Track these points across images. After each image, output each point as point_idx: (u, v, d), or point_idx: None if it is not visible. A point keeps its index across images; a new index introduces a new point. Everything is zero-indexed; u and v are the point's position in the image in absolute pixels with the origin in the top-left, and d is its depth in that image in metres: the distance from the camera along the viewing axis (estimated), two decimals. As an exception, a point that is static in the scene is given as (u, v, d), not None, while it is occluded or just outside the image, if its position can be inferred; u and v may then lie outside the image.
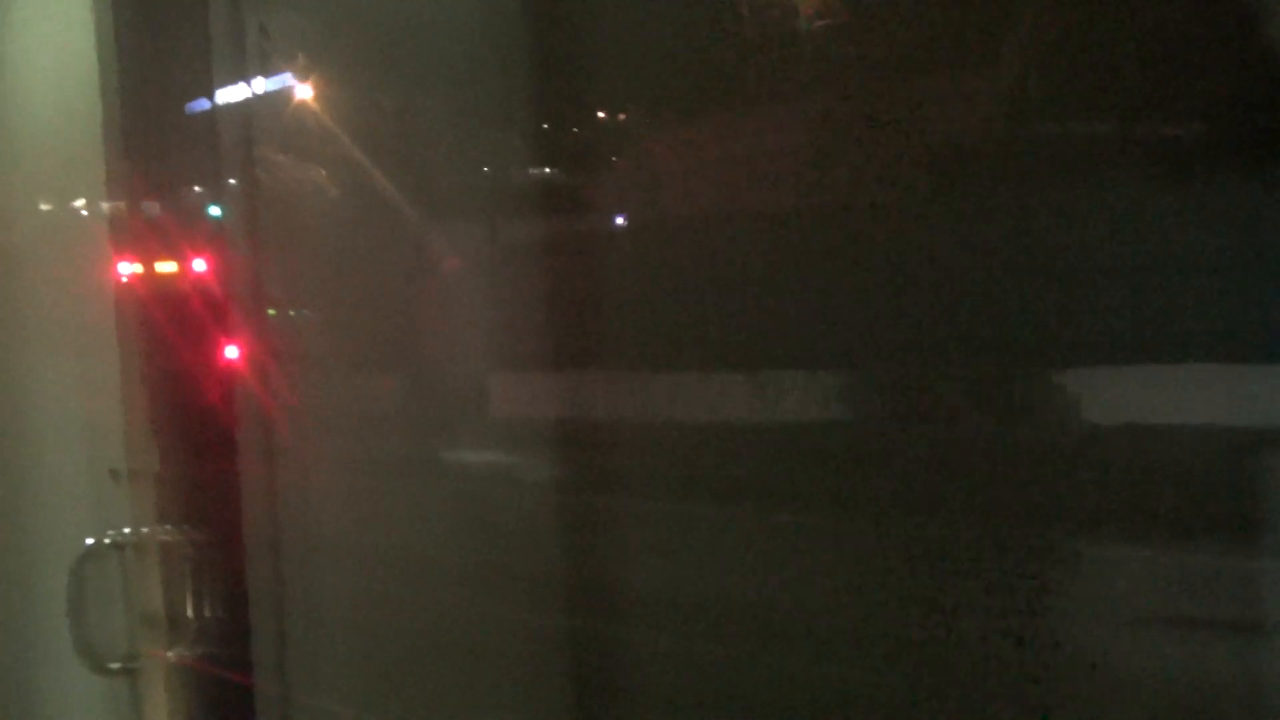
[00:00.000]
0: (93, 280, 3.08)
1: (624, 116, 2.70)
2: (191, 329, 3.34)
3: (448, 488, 3.16)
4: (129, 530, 3.06)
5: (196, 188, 3.41)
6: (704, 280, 2.39)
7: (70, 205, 3.26)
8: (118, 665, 3.09)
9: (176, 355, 3.27)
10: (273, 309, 3.32)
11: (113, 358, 3.00)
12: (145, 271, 3.19)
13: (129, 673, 3.10)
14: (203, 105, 3.56)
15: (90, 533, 3.03)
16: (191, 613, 3.15)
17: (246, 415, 3.30)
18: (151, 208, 3.30)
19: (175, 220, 3.42)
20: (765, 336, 2.35)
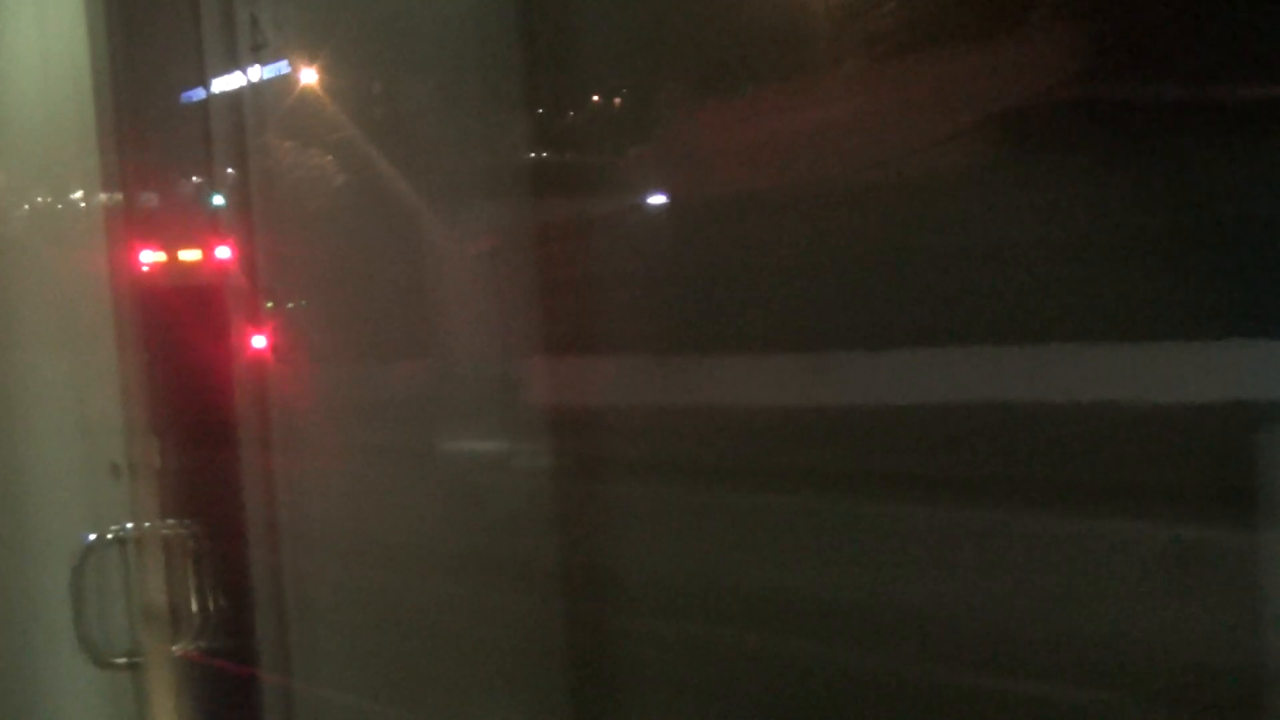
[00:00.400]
0: (89, 273, 3.05)
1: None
2: (190, 321, 3.32)
3: (453, 476, 3.16)
4: (130, 525, 3.04)
5: (191, 178, 3.39)
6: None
7: (64, 198, 3.24)
8: (121, 660, 3.08)
9: (175, 348, 3.25)
10: (270, 301, 3.31)
11: (111, 351, 2.98)
12: (143, 263, 3.17)
13: (132, 667, 3.08)
14: (195, 95, 3.54)
15: (91, 528, 3.02)
16: (195, 607, 3.13)
17: (247, 408, 3.28)
18: (146, 199, 3.27)
19: (171, 212, 3.40)
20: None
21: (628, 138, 2.92)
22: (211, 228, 3.37)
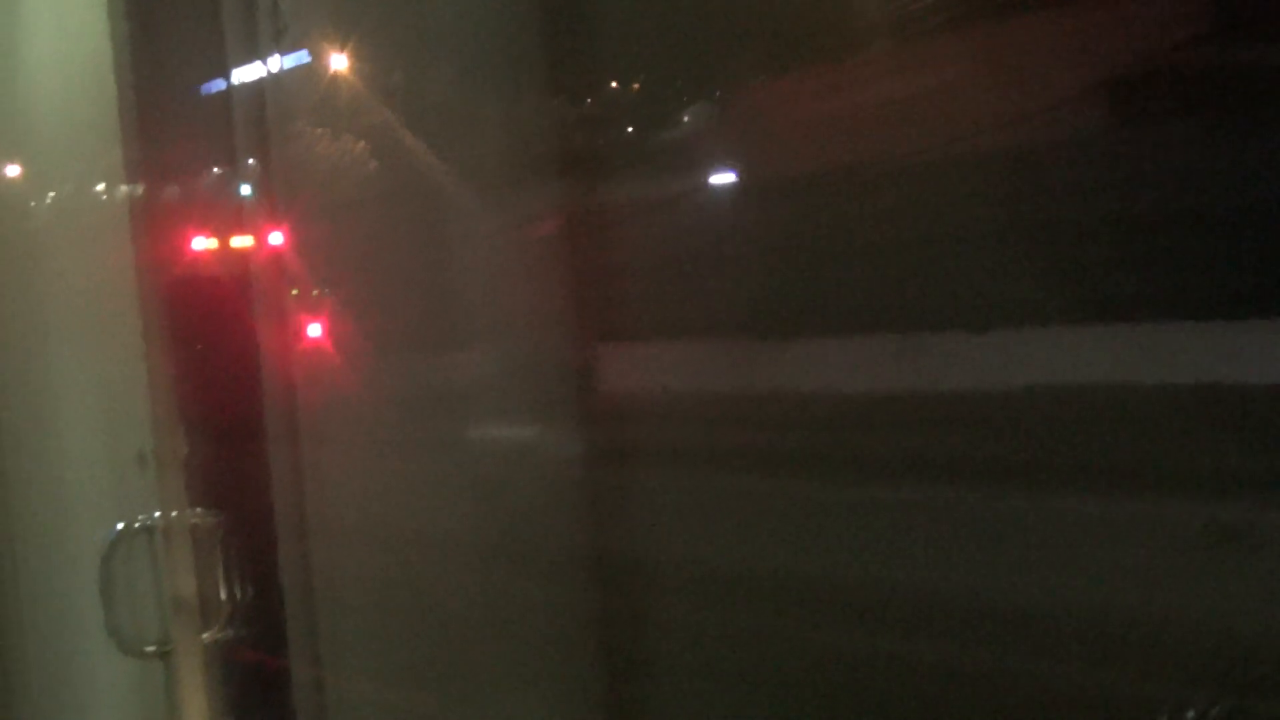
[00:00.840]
0: (114, 264, 3.05)
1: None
2: (218, 311, 3.32)
3: (514, 468, 3.14)
4: (158, 514, 3.04)
5: (215, 169, 3.38)
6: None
7: (88, 189, 3.24)
8: (150, 649, 3.08)
9: (202, 337, 3.24)
10: (316, 290, 3.29)
11: (137, 341, 2.97)
12: (167, 254, 3.16)
13: (161, 656, 3.08)
14: (217, 84, 3.53)
15: (119, 518, 3.02)
16: (224, 595, 3.13)
17: (274, 397, 3.28)
18: (171, 190, 3.27)
19: (196, 202, 3.39)
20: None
21: (685, 114, 2.86)
22: (237, 217, 3.37)
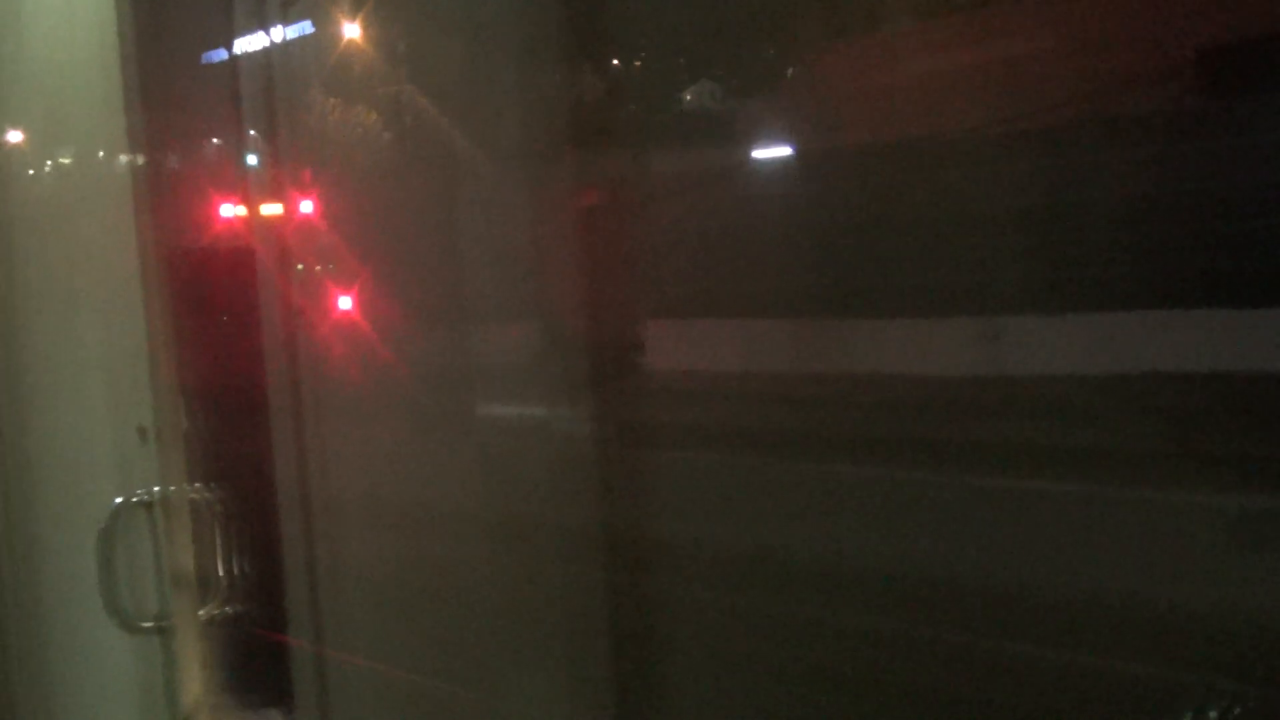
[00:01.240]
0: (116, 236, 3.02)
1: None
2: (218, 284, 3.29)
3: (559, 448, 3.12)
4: (157, 489, 3.02)
5: (219, 140, 3.35)
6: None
7: (91, 161, 3.20)
8: (149, 624, 3.06)
9: (204, 311, 3.22)
10: (300, 264, 3.27)
11: (138, 314, 2.95)
12: (170, 226, 3.13)
13: (160, 631, 3.07)
14: (222, 55, 3.50)
15: (118, 491, 3.00)
16: (222, 571, 3.11)
17: (277, 372, 3.26)
18: (174, 161, 3.24)
19: (200, 174, 3.36)
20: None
21: (740, 83, 2.78)
22: (244, 190, 3.34)
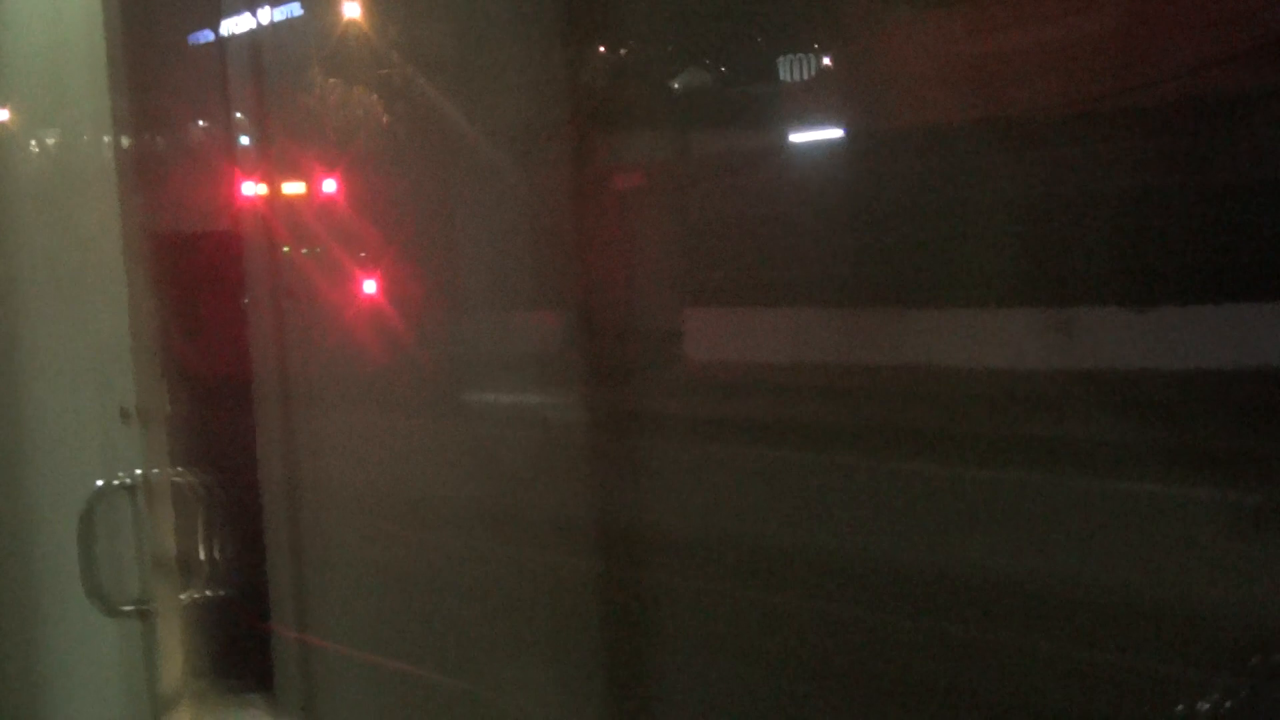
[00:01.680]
0: (102, 215, 3.00)
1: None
2: (205, 266, 3.27)
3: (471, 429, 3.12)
4: (139, 471, 3.00)
5: (206, 121, 3.33)
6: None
7: (77, 142, 3.18)
8: (129, 607, 3.04)
9: (189, 293, 3.20)
10: (286, 246, 3.25)
11: (123, 295, 2.93)
12: (155, 208, 3.11)
13: (140, 615, 3.05)
14: (208, 36, 3.48)
15: (101, 474, 2.98)
16: (204, 555, 3.10)
17: (261, 355, 3.24)
18: (160, 143, 3.21)
19: (187, 156, 3.34)
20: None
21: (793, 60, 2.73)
22: (232, 172, 3.31)
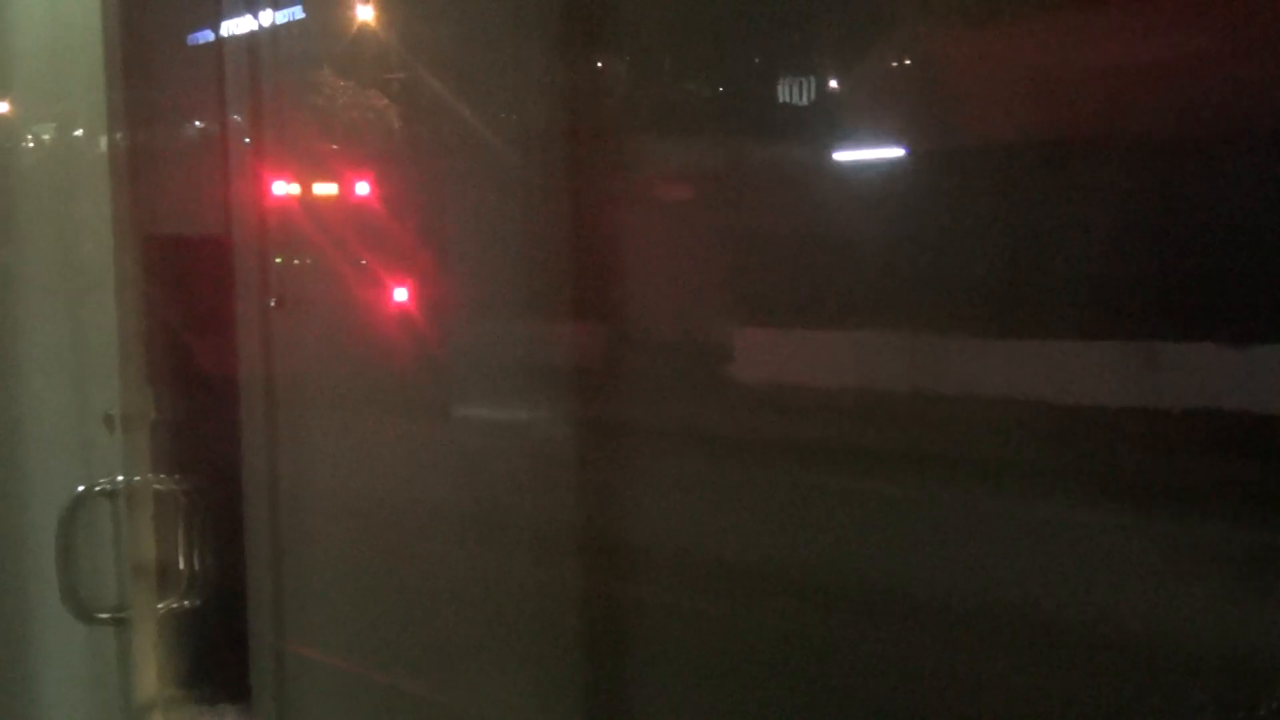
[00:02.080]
0: (91, 216, 2.96)
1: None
2: (194, 271, 3.23)
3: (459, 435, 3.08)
4: (121, 478, 2.97)
5: (199, 123, 3.29)
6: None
7: (67, 146, 3.14)
8: (106, 615, 3.01)
9: (177, 299, 3.16)
10: (279, 257, 3.21)
11: (109, 299, 2.89)
12: (146, 211, 3.07)
13: (117, 622, 3.02)
14: (207, 35, 3.43)
15: (83, 479, 2.94)
16: (183, 564, 3.06)
17: (247, 361, 3.20)
18: (154, 143, 3.17)
19: (181, 157, 3.30)
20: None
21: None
22: (227, 175, 3.27)
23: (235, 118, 3.21)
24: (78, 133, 3.08)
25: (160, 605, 3.02)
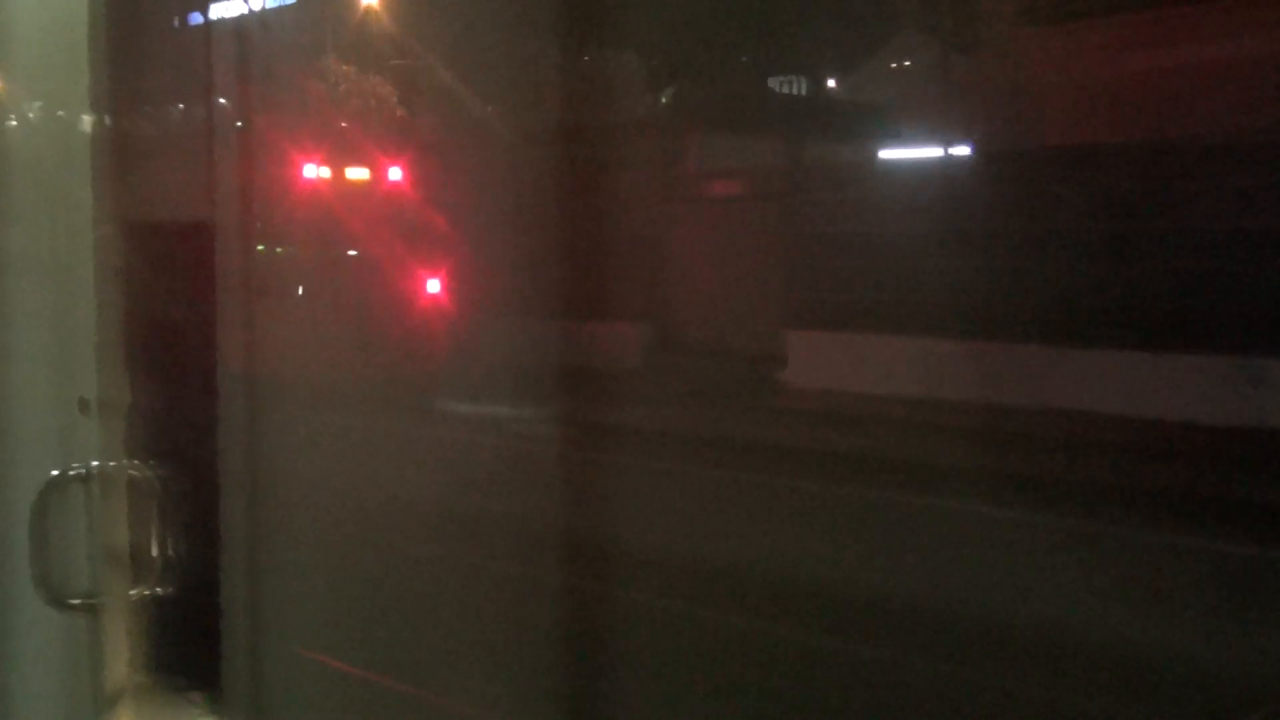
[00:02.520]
0: (71, 200, 2.93)
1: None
2: (174, 256, 3.21)
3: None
4: (95, 463, 2.95)
5: (183, 106, 3.26)
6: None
7: (47, 126, 3.11)
8: (78, 601, 2.99)
9: (157, 283, 3.14)
10: (262, 245, 3.19)
11: (89, 283, 2.87)
12: (127, 194, 3.04)
13: (89, 609, 3.00)
14: (195, 19, 3.41)
15: (57, 464, 2.92)
16: (156, 551, 3.04)
17: (225, 348, 3.18)
18: (136, 126, 3.14)
19: (163, 141, 3.27)
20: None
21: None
22: (210, 160, 3.25)
23: (222, 102, 3.19)
24: (60, 114, 3.05)
25: (133, 592, 3.00)
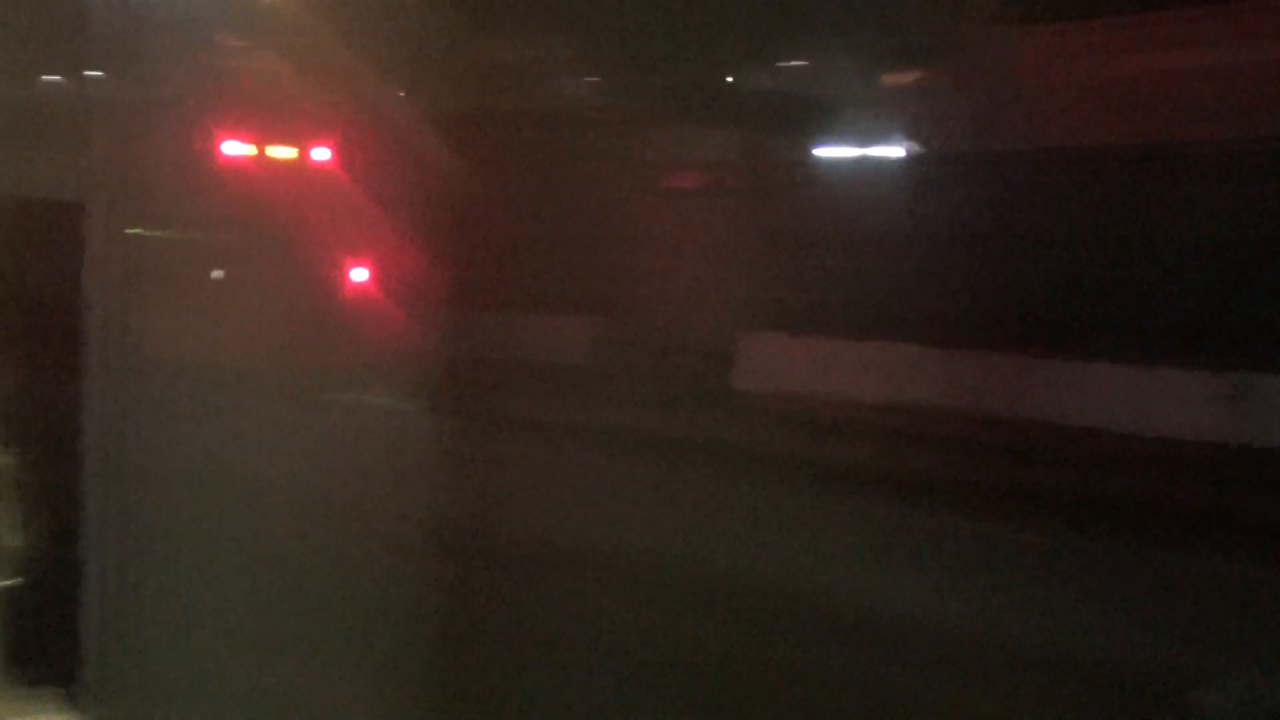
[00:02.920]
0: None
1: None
2: (40, 235, 3.11)
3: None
4: (-49, 449, 2.85)
5: (57, 77, 3.14)
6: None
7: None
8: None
9: (22, 263, 3.04)
10: (136, 228, 3.07)
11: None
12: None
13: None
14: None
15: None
16: (15, 541, 2.96)
17: (90, 329, 3.07)
18: (5, 94, 3.03)
19: (34, 115, 3.16)
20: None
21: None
22: (84, 136, 3.13)
23: (96, 75, 3.06)
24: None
25: (-11, 581, 2.92)
